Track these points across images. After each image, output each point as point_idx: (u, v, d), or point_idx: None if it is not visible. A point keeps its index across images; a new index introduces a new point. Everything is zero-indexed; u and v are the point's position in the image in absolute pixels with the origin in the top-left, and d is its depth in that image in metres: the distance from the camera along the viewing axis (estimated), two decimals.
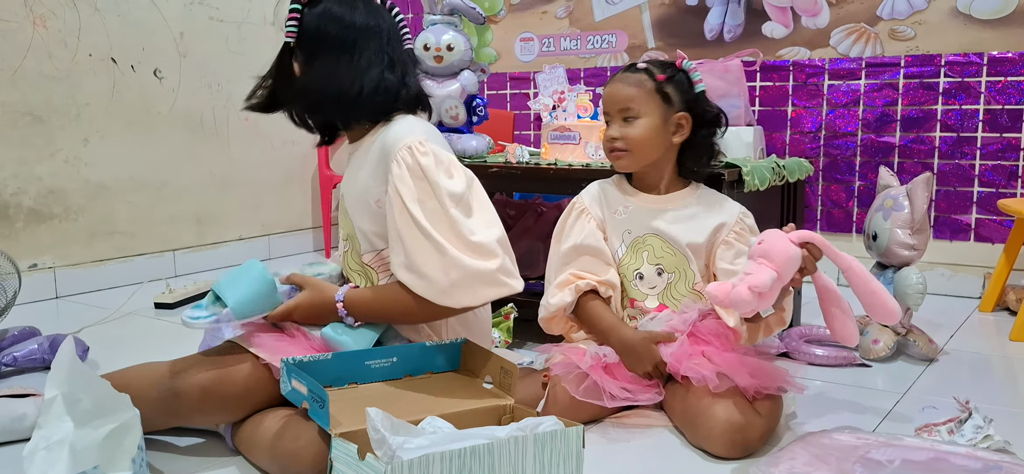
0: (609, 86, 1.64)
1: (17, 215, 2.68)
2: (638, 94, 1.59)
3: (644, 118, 1.59)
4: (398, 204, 1.36)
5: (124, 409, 1.23)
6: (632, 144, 1.59)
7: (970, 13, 2.62)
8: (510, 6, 3.48)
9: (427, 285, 1.33)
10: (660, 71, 1.61)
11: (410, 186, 1.35)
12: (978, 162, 2.67)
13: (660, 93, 1.60)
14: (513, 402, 1.32)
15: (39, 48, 2.69)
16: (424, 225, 1.33)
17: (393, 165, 1.37)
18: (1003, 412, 1.65)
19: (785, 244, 1.39)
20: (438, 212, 1.35)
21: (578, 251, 1.64)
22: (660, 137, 1.61)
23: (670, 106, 1.61)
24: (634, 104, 1.59)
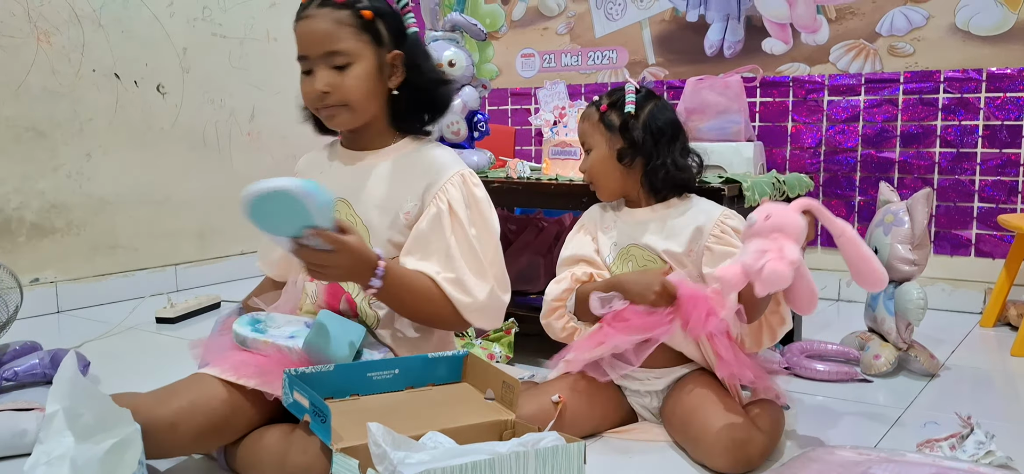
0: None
1: (20, 229, 2.69)
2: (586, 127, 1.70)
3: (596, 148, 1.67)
4: (456, 224, 1.44)
5: (125, 424, 1.23)
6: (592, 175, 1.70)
7: (968, 29, 2.63)
8: (511, 22, 3.50)
9: (469, 301, 1.43)
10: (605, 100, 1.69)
11: (466, 211, 1.45)
12: (978, 177, 2.68)
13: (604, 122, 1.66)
14: (515, 417, 1.32)
15: (43, 64, 2.71)
16: (476, 249, 1.45)
17: (448, 186, 1.46)
18: (1005, 428, 1.65)
19: (794, 216, 1.35)
20: (487, 241, 1.47)
21: (574, 259, 1.69)
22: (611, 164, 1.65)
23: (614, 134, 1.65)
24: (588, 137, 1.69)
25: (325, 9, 1.43)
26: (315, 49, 1.42)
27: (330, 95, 1.43)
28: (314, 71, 1.44)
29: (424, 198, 1.46)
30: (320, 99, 1.44)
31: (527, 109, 3.47)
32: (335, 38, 1.41)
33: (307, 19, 1.43)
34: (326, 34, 1.41)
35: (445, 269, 1.42)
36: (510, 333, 2.09)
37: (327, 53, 1.42)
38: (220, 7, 3.22)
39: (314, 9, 1.43)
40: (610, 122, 1.64)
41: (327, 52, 1.42)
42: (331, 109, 1.46)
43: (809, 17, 2.88)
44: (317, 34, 1.41)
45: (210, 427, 1.32)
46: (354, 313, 1.50)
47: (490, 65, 3.58)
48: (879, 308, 2.04)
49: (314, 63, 1.43)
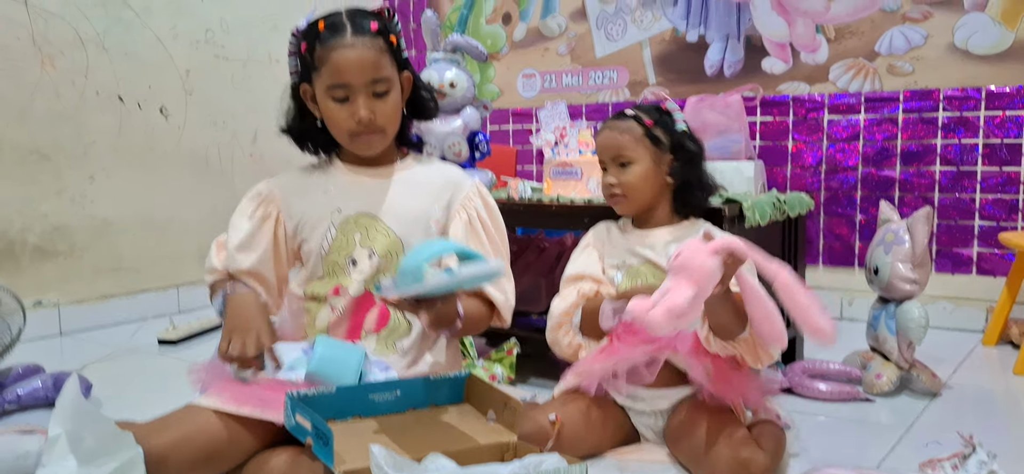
0: (602, 134, 1.72)
1: (23, 252, 2.70)
2: (629, 140, 1.67)
3: (636, 164, 1.66)
4: (486, 230, 1.58)
5: (127, 448, 1.23)
6: (627, 189, 1.67)
7: (967, 49, 2.65)
8: (512, 43, 3.52)
9: (505, 301, 1.56)
10: (647, 115, 1.68)
11: (488, 218, 1.60)
12: (979, 196, 2.68)
13: (648, 136, 1.67)
14: (516, 439, 1.32)
15: (47, 87, 2.73)
16: (502, 251, 1.61)
17: (471, 196, 1.59)
18: (1007, 446, 1.65)
19: (703, 257, 1.32)
20: (504, 244, 1.63)
21: (579, 276, 1.70)
22: (654, 179, 1.68)
23: (660, 148, 1.67)
24: (627, 150, 1.67)
25: (364, 38, 1.46)
26: (361, 77, 1.46)
27: (374, 121, 1.48)
28: (354, 98, 1.47)
29: (450, 208, 1.57)
30: (365, 126, 1.47)
31: (528, 129, 3.48)
32: (379, 66, 1.47)
33: (351, 49, 1.45)
34: (372, 63, 1.46)
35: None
36: (512, 354, 2.09)
37: (372, 81, 1.46)
38: (223, 29, 3.25)
39: (351, 38, 1.46)
40: (657, 137, 1.67)
41: (372, 80, 1.46)
42: (368, 135, 1.50)
43: (808, 36, 2.90)
44: (364, 64, 1.45)
45: (204, 460, 1.31)
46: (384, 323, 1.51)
47: (491, 86, 3.60)
48: (881, 327, 2.04)
49: (356, 91, 1.46)
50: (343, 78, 1.46)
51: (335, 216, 1.55)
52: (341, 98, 1.48)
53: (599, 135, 1.73)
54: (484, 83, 3.61)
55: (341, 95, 1.47)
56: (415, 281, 1.26)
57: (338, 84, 1.46)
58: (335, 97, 1.48)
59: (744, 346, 1.54)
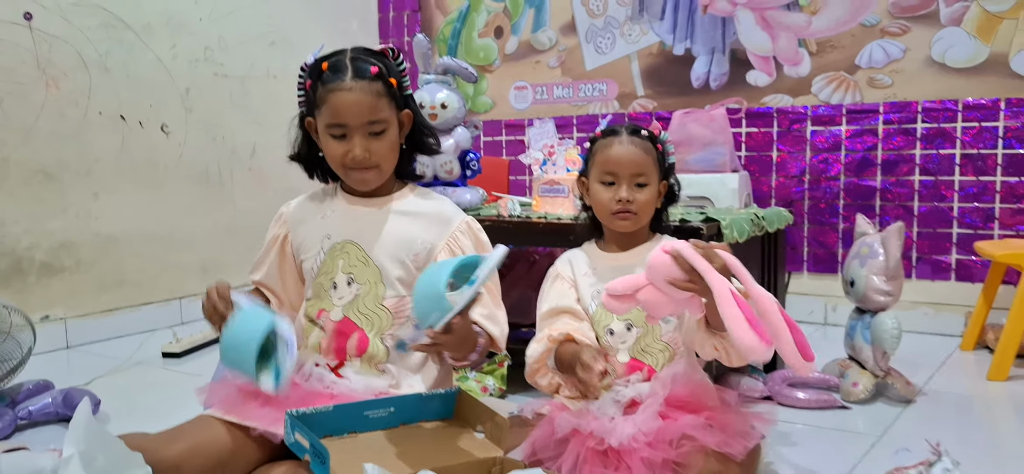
0: (618, 148, 1.67)
1: (30, 269, 2.78)
2: (649, 160, 1.67)
3: (651, 185, 1.67)
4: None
5: (137, 467, 1.31)
6: (641, 208, 1.66)
7: (944, 62, 2.73)
8: (504, 56, 3.60)
9: (499, 332, 1.58)
10: (654, 141, 1.70)
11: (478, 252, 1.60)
12: (956, 204, 2.77)
13: (658, 162, 1.69)
14: (503, 454, 1.40)
15: (51, 108, 2.81)
16: (491, 286, 1.60)
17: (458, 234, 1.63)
18: (974, 453, 1.72)
19: (661, 257, 1.42)
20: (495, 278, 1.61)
21: (554, 313, 1.70)
22: (656, 203, 1.71)
23: (660, 173, 1.70)
24: (646, 170, 1.66)
25: (363, 82, 1.53)
26: (357, 119, 1.53)
27: (369, 159, 1.55)
28: (350, 136, 1.55)
29: (435, 244, 1.61)
30: (358, 163, 1.56)
31: (521, 141, 3.56)
32: (376, 109, 1.54)
33: (348, 92, 1.53)
34: (369, 107, 1.53)
35: (481, 307, 1.56)
36: (503, 366, 2.17)
37: (368, 122, 1.54)
38: (221, 47, 3.33)
39: (350, 81, 1.53)
40: (662, 163, 1.70)
41: (369, 121, 1.54)
42: (364, 172, 1.58)
43: (791, 50, 2.98)
44: (361, 107, 1.53)
45: (214, 468, 1.40)
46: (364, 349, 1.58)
47: (484, 98, 3.68)
48: (857, 337, 2.12)
49: (353, 131, 1.54)
50: (340, 119, 1.54)
51: (325, 242, 1.63)
52: (338, 136, 1.56)
53: (617, 146, 1.67)
54: (477, 95, 3.69)
55: (338, 133, 1.55)
56: (441, 310, 1.31)
57: (336, 123, 1.55)
58: (333, 135, 1.56)
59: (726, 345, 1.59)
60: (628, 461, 1.52)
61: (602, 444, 1.53)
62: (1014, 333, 2.26)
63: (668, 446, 1.50)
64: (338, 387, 1.55)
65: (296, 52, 3.55)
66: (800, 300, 3.04)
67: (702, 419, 1.52)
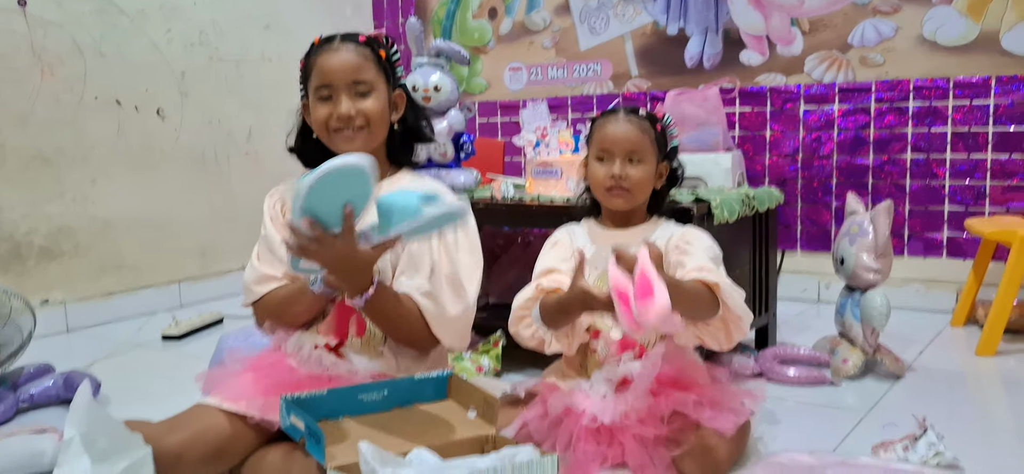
0: (614, 125, 1.71)
1: (29, 253, 2.81)
2: (645, 139, 1.69)
3: (646, 163, 1.69)
4: (443, 246, 1.57)
5: (137, 448, 1.34)
6: (634, 185, 1.69)
7: (935, 40, 2.74)
8: (499, 37, 3.61)
9: (438, 314, 1.55)
10: (654, 122, 1.72)
11: (454, 237, 1.59)
12: (948, 182, 2.79)
13: (657, 142, 1.71)
14: (495, 432, 1.43)
15: (47, 94, 2.82)
16: (459, 273, 1.58)
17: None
18: (961, 427, 1.75)
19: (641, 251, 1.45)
20: (469, 268, 1.59)
21: (549, 271, 1.72)
22: (652, 182, 1.72)
23: (660, 154, 1.72)
24: (640, 148, 1.68)
25: (350, 44, 1.59)
26: (342, 77, 1.56)
27: (355, 118, 1.57)
28: (336, 97, 1.57)
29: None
30: (343, 121, 1.57)
31: (516, 122, 3.57)
32: (361, 68, 1.57)
33: (334, 51, 1.58)
34: (355, 64, 1.57)
35: (424, 284, 1.55)
36: (498, 346, 2.20)
37: (354, 81, 1.57)
38: (216, 31, 3.33)
39: (338, 44, 1.59)
40: (662, 144, 1.72)
41: (354, 80, 1.57)
42: (351, 132, 1.58)
43: (784, 29, 2.99)
44: (347, 64, 1.56)
45: (214, 455, 1.43)
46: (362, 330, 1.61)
47: (479, 79, 3.69)
48: (847, 314, 2.15)
49: (338, 91, 1.57)
50: (327, 78, 1.57)
51: None
52: (325, 97, 1.58)
53: (612, 125, 1.71)
54: (472, 77, 3.70)
55: (325, 94, 1.58)
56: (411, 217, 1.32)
57: (323, 84, 1.58)
58: (321, 97, 1.59)
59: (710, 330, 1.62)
60: (621, 438, 1.55)
61: (595, 422, 1.56)
62: (1002, 309, 2.28)
63: (659, 423, 1.53)
64: (337, 369, 1.57)
65: (291, 35, 3.56)
66: (794, 278, 3.07)
67: (692, 396, 1.55)
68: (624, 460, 1.54)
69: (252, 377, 1.56)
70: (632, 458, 1.52)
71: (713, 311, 1.57)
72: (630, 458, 1.52)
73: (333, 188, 1.31)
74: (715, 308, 1.57)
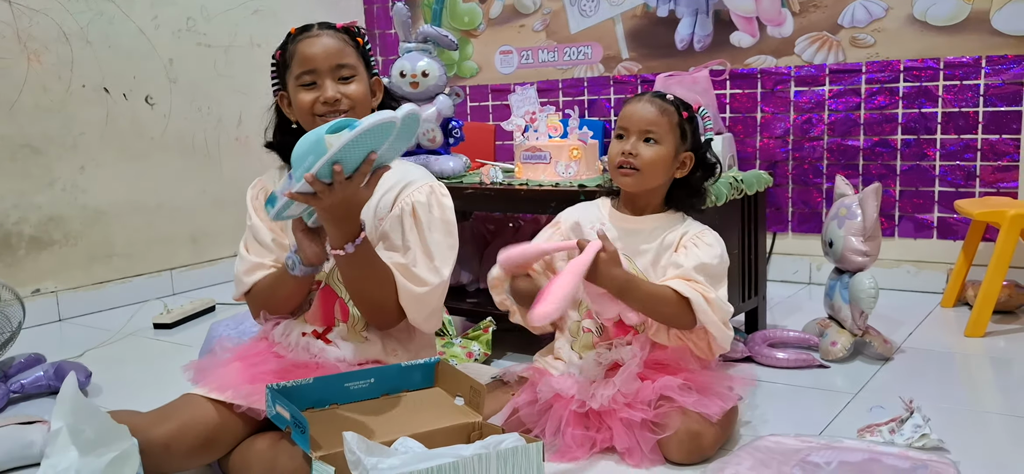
0: (635, 104, 1.70)
1: (19, 243, 2.80)
2: (664, 121, 1.67)
3: (662, 145, 1.66)
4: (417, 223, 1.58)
5: (123, 439, 1.34)
6: (644, 164, 1.66)
7: (926, 20, 2.73)
8: (489, 20, 3.59)
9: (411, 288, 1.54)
10: (684, 108, 1.70)
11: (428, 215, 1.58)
12: (938, 163, 2.78)
13: (680, 127, 1.69)
14: (481, 419, 1.44)
15: (34, 82, 2.80)
16: (432, 250, 1.57)
17: (415, 192, 1.59)
18: (947, 409, 1.76)
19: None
20: (442, 246, 1.58)
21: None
22: (668, 168, 1.69)
23: (683, 142, 1.70)
24: (657, 128, 1.66)
25: (329, 30, 1.60)
26: (326, 62, 1.56)
27: (341, 101, 1.57)
28: (321, 82, 1.57)
29: (394, 204, 1.60)
30: (330, 104, 1.56)
31: (507, 105, 3.56)
32: (343, 53, 1.58)
33: (315, 38, 1.58)
34: (337, 49, 1.57)
35: (400, 257, 1.56)
36: (488, 332, 2.20)
37: (336, 66, 1.57)
38: (204, 17, 3.31)
39: (318, 30, 1.60)
40: (685, 132, 1.69)
41: (336, 65, 1.57)
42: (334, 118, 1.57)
43: (774, 10, 2.98)
44: (329, 48, 1.57)
45: (201, 446, 1.44)
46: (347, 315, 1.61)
47: (470, 63, 3.68)
48: (836, 296, 2.15)
49: (322, 76, 1.57)
50: (309, 64, 1.57)
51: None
52: (308, 83, 1.58)
53: (633, 104, 1.70)
54: (463, 60, 3.68)
55: (308, 80, 1.58)
56: (317, 154, 1.32)
57: (305, 71, 1.57)
58: (303, 83, 1.58)
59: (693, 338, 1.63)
60: (609, 422, 1.56)
61: (583, 406, 1.57)
62: (991, 290, 2.29)
63: (647, 406, 1.54)
64: (325, 355, 1.58)
65: (279, 21, 3.53)
66: (785, 260, 3.07)
67: (680, 380, 1.56)
68: (612, 444, 1.55)
69: (239, 366, 1.56)
70: (620, 442, 1.53)
71: (686, 320, 1.58)
72: (618, 442, 1.54)
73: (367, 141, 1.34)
74: (688, 317, 1.57)
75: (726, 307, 1.60)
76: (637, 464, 1.51)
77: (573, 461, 1.54)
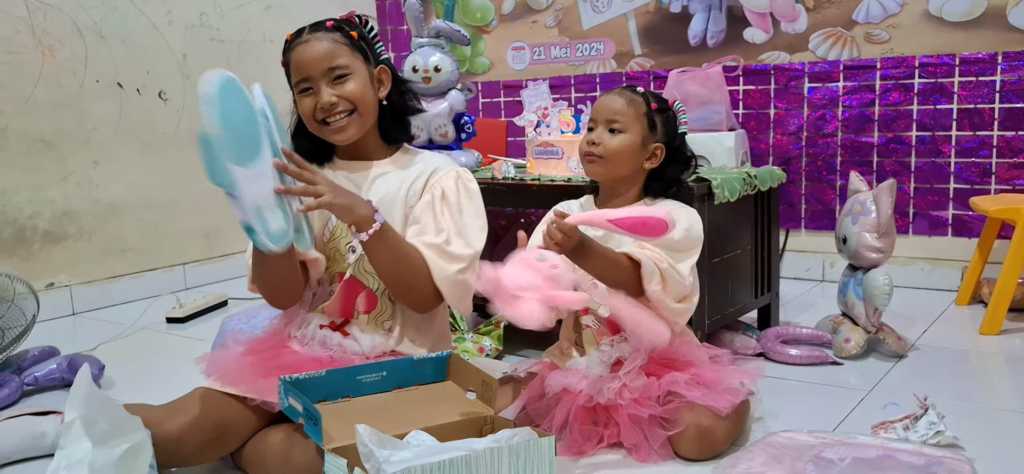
0: (604, 96, 1.73)
1: (33, 237, 2.82)
2: (630, 111, 1.68)
3: (627, 134, 1.67)
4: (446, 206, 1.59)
5: (136, 431, 1.35)
6: (608, 153, 1.67)
7: (941, 16, 2.71)
8: (501, 16, 3.59)
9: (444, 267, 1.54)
10: (655, 100, 1.71)
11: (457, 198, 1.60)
12: (953, 159, 2.76)
13: (648, 118, 1.69)
14: (493, 413, 1.44)
15: (49, 77, 2.82)
16: (464, 230, 1.59)
17: (444, 178, 1.61)
18: (962, 406, 1.75)
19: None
20: (473, 228, 1.60)
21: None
22: (635, 157, 1.69)
23: (653, 133, 1.70)
24: (623, 118, 1.67)
25: (319, 32, 1.57)
26: (317, 67, 1.55)
27: (338, 104, 1.56)
28: (316, 88, 1.56)
29: (423, 190, 1.62)
30: (328, 110, 1.56)
31: (519, 101, 3.56)
32: (335, 55, 1.56)
33: (305, 43, 1.56)
34: (327, 52, 1.55)
35: (433, 238, 1.56)
36: (499, 326, 2.20)
37: (329, 69, 1.56)
38: (217, 13, 3.32)
39: (307, 35, 1.57)
40: (655, 123, 1.70)
41: (329, 68, 1.56)
42: (340, 119, 1.58)
43: (788, 6, 2.96)
44: (319, 53, 1.55)
45: (215, 439, 1.44)
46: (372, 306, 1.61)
47: (482, 59, 3.67)
48: (849, 293, 2.14)
49: (316, 81, 1.56)
50: (303, 71, 1.57)
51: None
52: (305, 90, 1.58)
53: (603, 96, 1.72)
54: (475, 56, 3.68)
55: (305, 87, 1.58)
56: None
57: (301, 79, 1.57)
58: (302, 90, 1.58)
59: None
60: (615, 417, 1.55)
61: (591, 401, 1.57)
62: (1007, 287, 2.27)
63: (654, 402, 1.53)
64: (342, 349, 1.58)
65: (291, 17, 3.54)
66: (798, 257, 3.06)
67: (687, 376, 1.55)
68: (619, 439, 1.54)
69: (252, 360, 1.57)
70: (627, 437, 1.53)
71: (637, 286, 1.56)
72: (625, 437, 1.53)
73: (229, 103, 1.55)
74: (639, 284, 1.56)
75: (683, 279, 1.58)
76: (644, 460, 1.51)
77: (580, 455, 1.53)
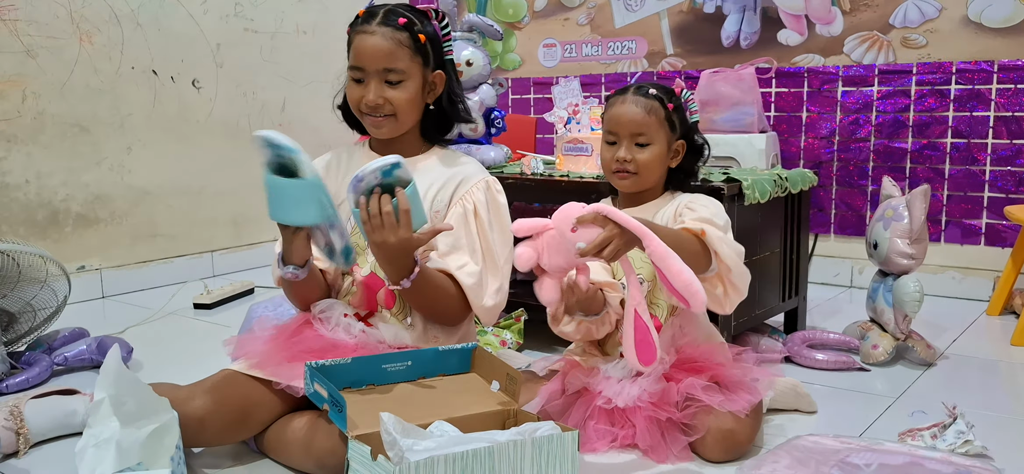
0: (619, 107, 1.68)
1: (66, 220, 2.86)
2: (652, 120, 1.66)
3: (655, 145, 1.66)
4: (479, 225, 1.60)
5: (164, 411, 1.36)
6: (640, 168, 1.66)
7: (981, 22, 2.67)
8: (533, 13, 3.59)
9: (483, 298, 1.58)
10: (668, 99, 1.68)
11: (488, 214, 1.61)
12: (988, 168, 2.72)
13: (668, 121, 1.68)
14: (517, 407, 1.44)
15: (85, 63, 2.86)
16: (495, 250, 1.60)
17: (474, 190, 1.61)
18: (991, 417, 1.72)
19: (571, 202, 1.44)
20: (502, 245, 1.62)
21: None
22: (664, 163, 1.69)
23: (673, 134, 1.69)
24: (647, 130, 1.65)
25: (386, 28, 1.56)
26: (374, 64, 1.55)
27: (383, 106, 1.57)
28: (368, 82, 1.57)
29: (451, 199, 1.62)
30: (371, 108, 1.57)
31: (549, 98, 3.55)
32: (394, 57, 1.55)
33: (369, 35, 1.56)
34: (387, 52, 1.55)
35: (465, 262, 1.57)
36: (520, 321, 2.20)
37: (385, 69, 1.56)
38: (251, 3, 3.35)
39: (375, 26, 1.56)
40: (674, 123, 1.68)
41: (385, 68, 1.56)
42: (379, 119, 1.58)
43: (824, 9, 2.93)
44: (379, 51, 1.55)
45: (238, 420, 1.46)
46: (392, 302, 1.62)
47: (513, 55, 3.67)
48: (879, 299, 2.11)
49: (369, 76, 1.56)
50: (359, 61, 1.57)
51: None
52: (357, 79, 1.58)
53: (617, 107, 1.68)
54: (506, 53, 3.68)
55: (357, 76, 1.58)
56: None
57: (355, 66, 1.58)
58: (353, 77, 1.59)
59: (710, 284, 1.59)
60: (633, 420, 1.54)
61: (609, 403, 1.56)
62: None
63: (673, 408, 1.52)
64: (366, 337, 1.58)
65: (325, 8, 3.57)
66: (826, 262, 3.02)
67: (704, 380, 1.54)
68: (635, 441, 1.53)
69: (278, 344, 1.58)
70: (642, 439, 1.52)
71: (703, 261, 1.54)
72: (640, 439, 1.52)
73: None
74: (705, 258, 1.55)
75: (737, 246, 1.57)
76: (662, 460, 1.50)
77: (592, 452, 1.53)
